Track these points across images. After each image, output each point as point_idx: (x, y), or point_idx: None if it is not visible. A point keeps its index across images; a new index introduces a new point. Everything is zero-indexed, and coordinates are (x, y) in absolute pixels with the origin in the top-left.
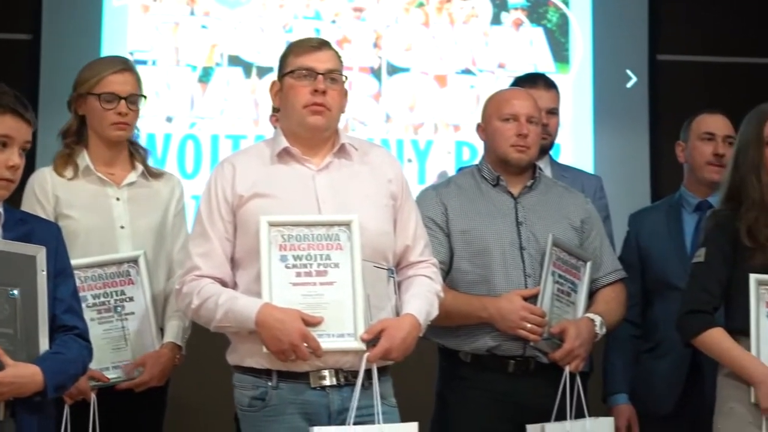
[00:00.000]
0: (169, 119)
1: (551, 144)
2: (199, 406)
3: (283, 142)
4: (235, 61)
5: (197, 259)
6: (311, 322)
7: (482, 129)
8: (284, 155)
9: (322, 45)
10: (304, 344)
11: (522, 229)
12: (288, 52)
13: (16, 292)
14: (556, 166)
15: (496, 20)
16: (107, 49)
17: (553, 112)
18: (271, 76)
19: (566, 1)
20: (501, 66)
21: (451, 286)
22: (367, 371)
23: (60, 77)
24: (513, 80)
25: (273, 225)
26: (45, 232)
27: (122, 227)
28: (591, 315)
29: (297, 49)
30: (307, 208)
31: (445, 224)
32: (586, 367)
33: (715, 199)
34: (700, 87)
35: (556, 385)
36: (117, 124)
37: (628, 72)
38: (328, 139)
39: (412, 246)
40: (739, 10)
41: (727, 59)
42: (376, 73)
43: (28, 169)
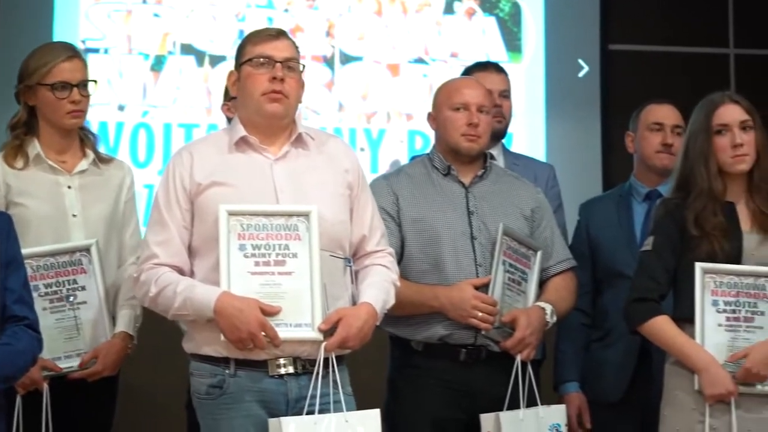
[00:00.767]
0: (121, 108)
1: (506, 127)
2: (150, 394)
3: (241, 131)
4: (187, 49)
5: (155, 247)
6: (269, 312)
7: (433, 118)
8: (242, 144)
9: (280, 34)
10: (262, 333)
11: (473, 219)
12: (245, 42)
13: None
14: (508, 154)
15: (448, 9)
16: (59, 38)
17: (506, 95)
18: (224, 65)
19: None
20: (453, 55)
21: (402, 275)
22: (325, 360)
23: (11, 66)
24: (464, 69)
25: (232, 214)
26: None
27: (74, 215)
28: (541, 303)
29: (255, 38)
30: (265, 197)
31: (396, 213)
32: (538, 354)
33: (665, 189)
34: (652, 76)
35: (507, 373)
36: (72, 112)
37: (580, 61)
38: (285, 129)
39: (368, 236)
40: (689, 1)
41: (677, 49)
42: (328, 62)
43: None
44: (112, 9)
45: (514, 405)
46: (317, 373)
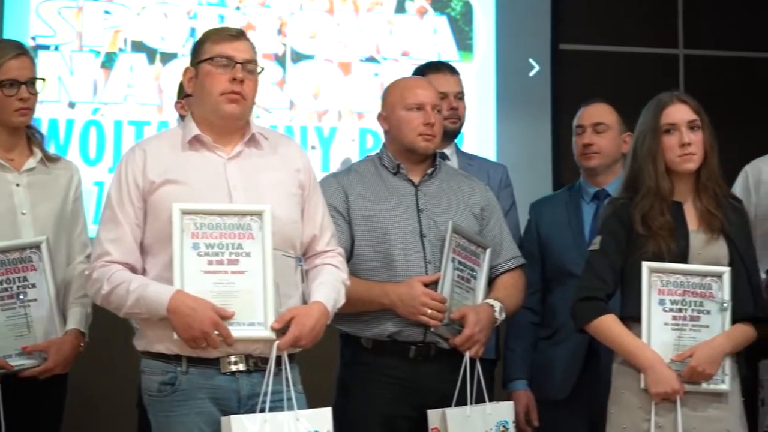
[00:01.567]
0: (71, 105)
1: (460, 128)
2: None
3: (194, 130)
4: (138, 47)
5: (107, 245)
6: (223, 316)
7: (384, 118)
8: (195, 143)
9: (241, 35)
10: (216, 332)
11: (422, 216)
12: (205, 39)
13: None
14: (462, 155)
15: (400, 8)
16: (9, 34)
17: (460, 96)
18: (175, 63)
19: None
20: (405, 54)
21: (353, 273)
22: (277, 358)
23: None
24: (415, 68)
25: (186, 213)
26: None
27: (23, 213)
28: (490, 301)
29: (215, 36)
30: (219, 196)
31: (346, 211)
32: (492, 354)
33: (613, 188)
34: (602, 76)
35: (456, 370)
36: (20, 110)
37: (531, 61)
38: (239, 128)
39: (319, 235)
40: (637, 1)
41: (628, 49)
42: (280, 60)
43: None
44: (63, 6)
45: (462, 402)
46: (269, 371)
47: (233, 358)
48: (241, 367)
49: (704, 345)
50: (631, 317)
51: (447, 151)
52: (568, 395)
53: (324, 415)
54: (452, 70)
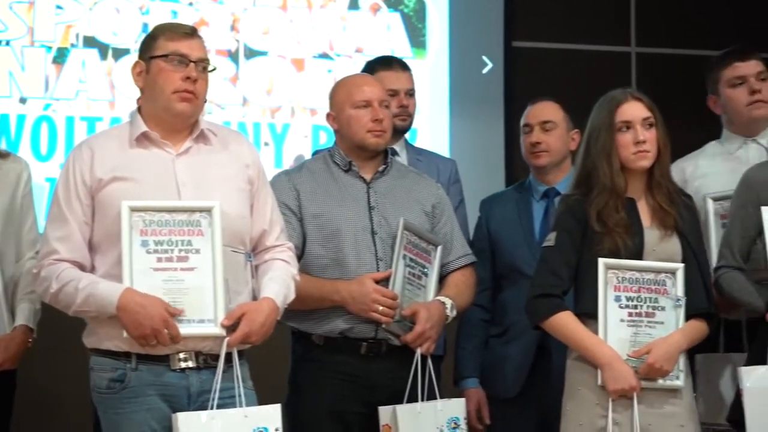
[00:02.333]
0: (23, 100)
1: (410, 125)
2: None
3: (142, 126)
4: (90, 42)
5: (55, 243)
6: (173, 314)
7: (333, 118)
8: (143, 139)
9: (194, 33)
10: (165, 330)
11: (374, 214)
12: (158, 35)
13: None
14: (411, 149)
15: (353, 5)
16: None
17: (411, 93)
18: (127, 59)
19: None
20: (358, 51)
21: (304, 270)
22: (227, 354)
23: None
24: (366, 64)
25: (134, 210)
26: None
27: None
28: (442, 298)
29: (169, 33)
30: (167, 192)
31: (297, 209)
32: (439, 350)
33: (562, 186)
34: (555, 74)
35: (408, 367)
36: None
37: (484, 58)
38: (188, 125)
39: (268, 230)
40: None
41: (580, 47)
42: (233, 56)
43: None
44: (14, 0)
45: (414, 398)
46: (219, 367)
47: (183, 355)
48: (191, 364)
49: (661, 342)
50: (586, 314)
51: (397, 146)
52: (519, 393)
53: (273, 412)
54: (403, 66)
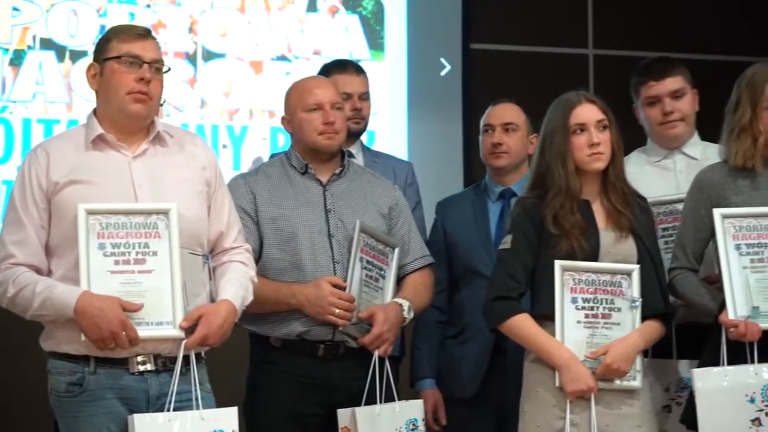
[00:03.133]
0: None
1: (364, 128)
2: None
3: (98, 129)
4: (47, 44)
5: (11, 247)
6: (130, 309)
7: (287, 121)
8: (99, 142)
9: (148, 34)
10: (123, 332)
11: (330, 216)
12: (111, 37)
13: None
14: (368, 152)
15: (311, 7)
16: None
17: (365, 96)
18: (85, 60)
19: None
20: (316, 53)
21: (261, 273)
22: (185, 357)
23: None
24: (322, 67)
25: (91, 213)
26: None
27: None
28: (399, 300)
29: (123, 35)
30: (124, 195)
31: (254, 212)
32: (396, 351)
33: (518, 187)
34: (513, 76)
35: (365, 368)
36: None
37: (442, 60)
38: (143, 127)
39: (226, 232)
40: (547, 2)
41: (538, 49)
42: (191, 58)
43: None
44: None
45: (372, 400)
46: (177, 370)
47: (141, 358)
48: (150, 366)
49: (618, 342)
50: (543, 316)
51: (353, 149)
52: (475, 393)
53: (229, 415)
54: (358, 69)
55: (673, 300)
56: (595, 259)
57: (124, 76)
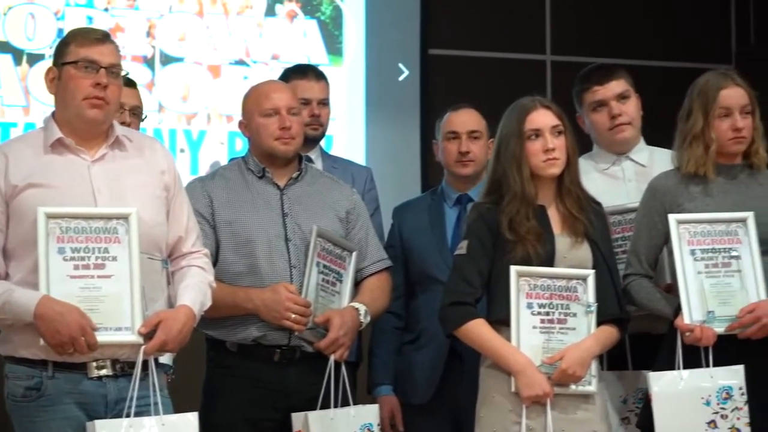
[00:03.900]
0: None
1: (323, 134)
2: None
3: (57, 132)
4: (4, 47)
5: None
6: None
7: (245, 126)
8: (58, 145)
9: (106, 38)
10: (82, 338)
11: (287, 221)
12: (69, 41)
13: None
14: (326, 157)
15: (270, 12)
16: None
17: (324, 102)
18: (42, 64)
19: None
20: (275, 57)
21: (218, 278)
22: (144, 362)
23: None
24: (282, 72)
25: (51, 216)
26: None
27: None
28: (355, 304)
29: (80, 39)
30: (83, 199)
31: (210, 216)
32: (353, 357)
33: (475, 193)
34: (471, 81)
35: (321, 373)
36: None
37: (401, 65)
38: (102, 131)
39: (184, 237)
40: (505, 8)
41: (497, 55)
42: (149, 62)
43: None
44: None
45: (327, 405)
46: (136, 375)
47: (100, 363)
48: (108, 371)
49: (574, 348)
50: (499, 321)
51: (312, 154)
52: (431, 399)
53: (189, 420)
54: (318, 75)
55: (633, 309)
56: (551, 264)
57: (81, 81)
